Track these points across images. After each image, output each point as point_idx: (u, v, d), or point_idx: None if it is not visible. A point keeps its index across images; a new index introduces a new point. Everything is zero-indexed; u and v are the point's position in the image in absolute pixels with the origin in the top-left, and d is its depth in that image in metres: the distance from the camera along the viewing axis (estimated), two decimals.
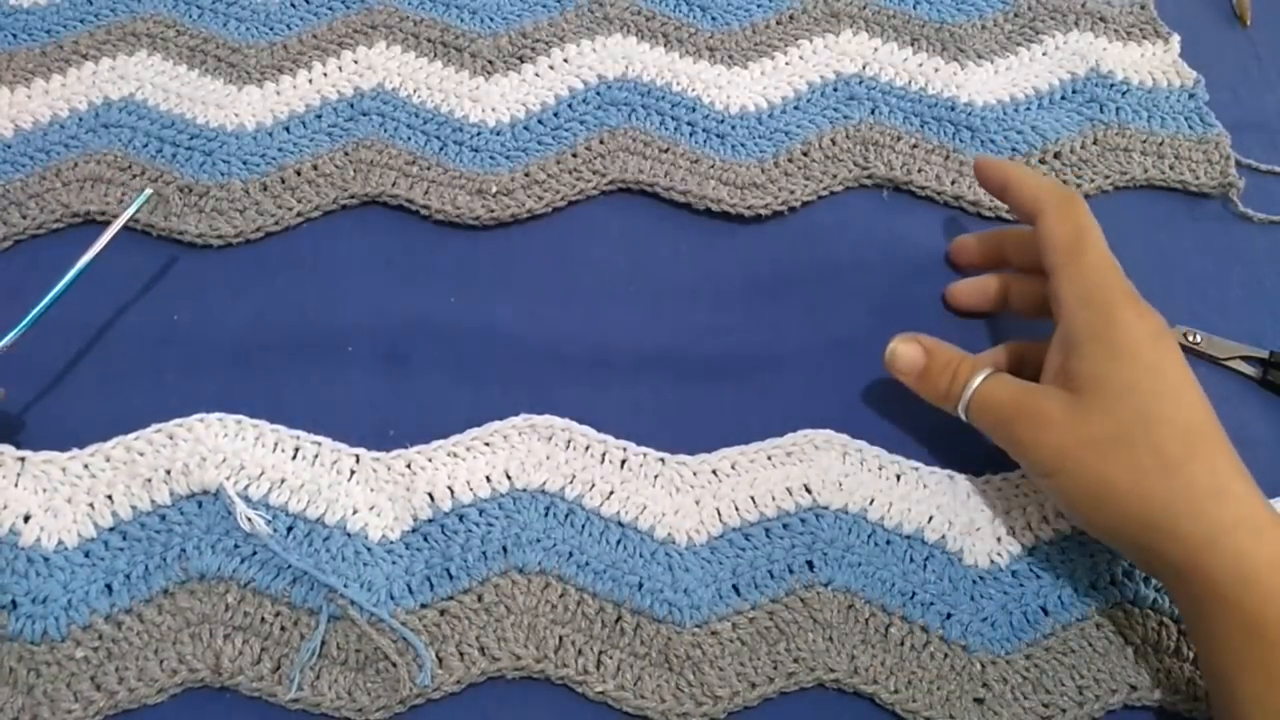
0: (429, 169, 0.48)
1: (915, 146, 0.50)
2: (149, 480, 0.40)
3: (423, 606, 0.38)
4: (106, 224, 0.46)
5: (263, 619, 0.38)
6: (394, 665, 0.37)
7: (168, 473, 0.40)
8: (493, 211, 0.47)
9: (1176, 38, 0.55)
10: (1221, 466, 0.34)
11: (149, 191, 0.45)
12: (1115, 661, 0.38)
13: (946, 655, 0.38)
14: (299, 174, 0.48)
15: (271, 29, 0.52)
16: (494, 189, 0.47)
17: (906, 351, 0.41)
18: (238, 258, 0.46)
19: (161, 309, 0.45)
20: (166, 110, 0.49)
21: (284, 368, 0.43)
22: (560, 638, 0.38)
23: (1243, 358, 0.46)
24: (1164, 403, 0.35)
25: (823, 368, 0.45)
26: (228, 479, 0.39)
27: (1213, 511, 0.33)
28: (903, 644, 0.38)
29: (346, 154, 0.48)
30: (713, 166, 0.49)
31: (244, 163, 0.48)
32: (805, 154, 0.50)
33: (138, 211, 0.44)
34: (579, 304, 0.46)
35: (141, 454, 0.40)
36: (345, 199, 0.47)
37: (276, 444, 0.41)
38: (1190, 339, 0.46)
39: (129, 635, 0.37)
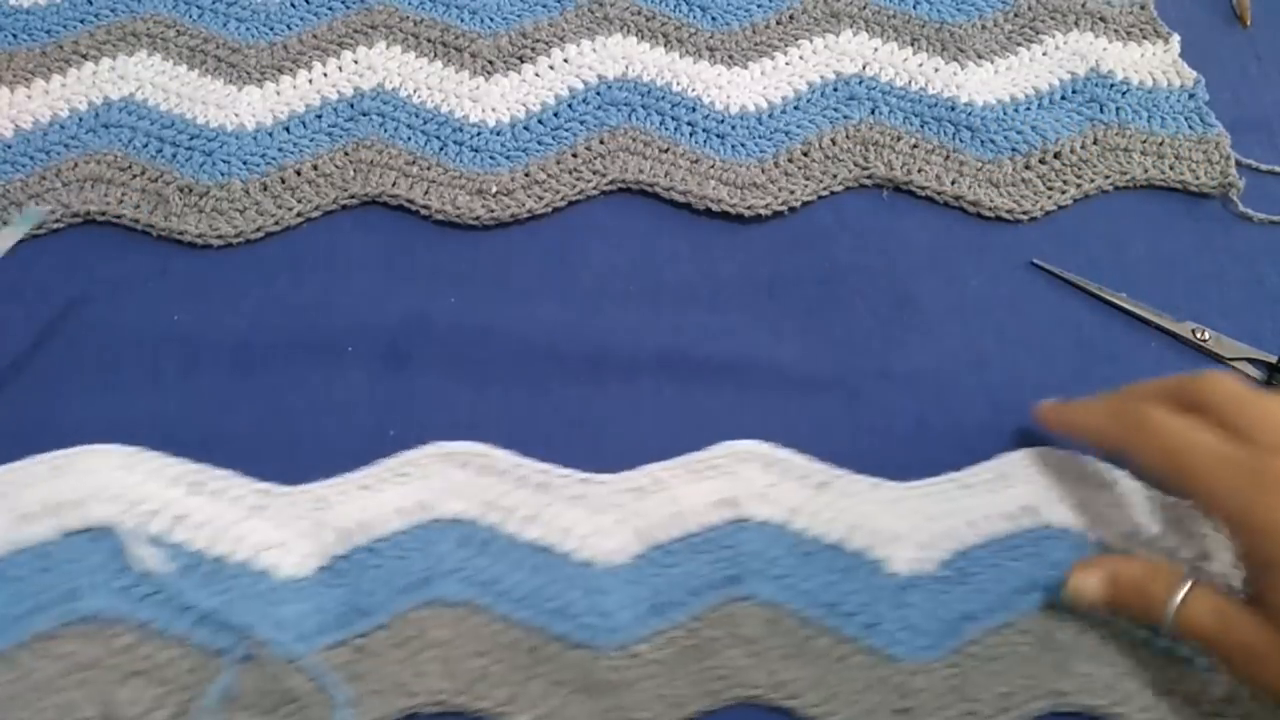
0: (429, 169, 0.48)
1: (915, 146, 0.50)
2: (28, 515, 0.37)
3: (337, 645, 0.36)
4: (107, 224, 0.46)
5: (162, 663, 0.35)
6: (308, 707, 0.35)
7: (53, 506, 0.37)
8: (493, 211, 0.47)
9: (1176, 38, 0.54)
10: None
11: (45, 209, 0.44)
12: (1039, 667, 0.37)
13: (871, 666, 0.37)
14: (299, 174, 0.48)
15: (271, 29, 0.52)
16: (494, 189, 0.47)
17: (1089, 586, 0.37)
18: (238, 258, 0.46)
19: (161, 309, 0.45)
20: (166, 110, 0.49)
21: (284, 368, 0.43)
22: (480, 669, 0.36)
23: (1249, 360, 0.46)
24: None
25: (823, 368, 0.45)
26: (122, 514, 0.37)
27: None
28: (826, 656, 0.37)
29: (346, 154, 0.48)
30: (713, 166, 0.49)
31: (244, 163, 0.48)
32: (805, 154, 0.50)
33: (27, 233, 0.43)
34: (579, 304, 0.46)
35: (25, 485, 0.37)
36: (345, 199, 0.47)
37: (176, 477, 0.39)
38: (1198, 335, 0.46)
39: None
